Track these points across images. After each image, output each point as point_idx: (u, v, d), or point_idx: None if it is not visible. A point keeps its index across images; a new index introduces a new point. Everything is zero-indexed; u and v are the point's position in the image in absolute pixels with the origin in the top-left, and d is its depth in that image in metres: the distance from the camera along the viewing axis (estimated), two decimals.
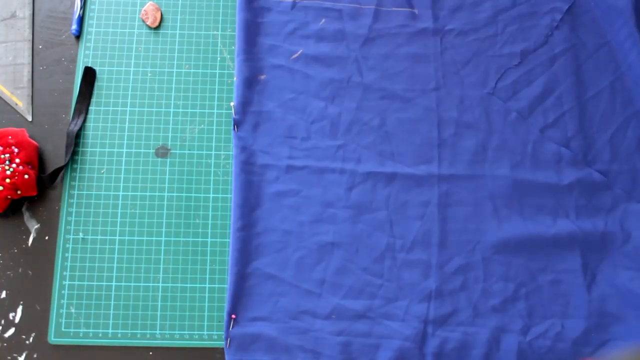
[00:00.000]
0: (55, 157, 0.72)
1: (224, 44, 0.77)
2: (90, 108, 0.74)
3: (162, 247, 0.69)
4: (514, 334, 0.66)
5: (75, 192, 0.70)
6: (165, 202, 0.70)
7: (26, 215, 0.70)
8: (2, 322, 0.66)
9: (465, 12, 0.78)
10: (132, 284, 0.67)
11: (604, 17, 0.77)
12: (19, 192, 0.67)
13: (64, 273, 0.67)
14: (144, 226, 0.69)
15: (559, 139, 0.73)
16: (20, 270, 0.68)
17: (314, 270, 0.68)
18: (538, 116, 0.74)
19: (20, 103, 0.74)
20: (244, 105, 0.72)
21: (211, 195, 0.71)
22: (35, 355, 0.65)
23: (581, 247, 0.69)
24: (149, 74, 0.75)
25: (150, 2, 0.76)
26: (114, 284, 0.67)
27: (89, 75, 0.74)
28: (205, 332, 0.66)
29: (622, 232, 0.70)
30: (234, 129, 0.72)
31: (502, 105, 0.74)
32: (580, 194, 0.71)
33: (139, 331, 0.66)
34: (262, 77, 0.73)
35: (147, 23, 0.75)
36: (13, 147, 0.69)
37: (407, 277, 0.68)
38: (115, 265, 0.68)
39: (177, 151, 0.72)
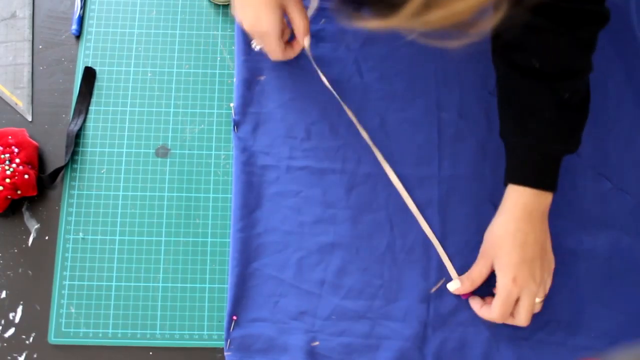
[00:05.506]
0: (55, 157, 0.72)
1: (224, 44, 0.77)
2: (90, 108, 0.73)
3: (162, 247, 0.69)
4: (514, 334, 0.66)
5: (75, 192, 0.70)
6: (165, 202, 0.70)
7: (26, 215, 0.70)
8: (2, 322, 0.66)
9: None
10: (132, 284, 0.67)
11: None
12: (19, 192, 0.67)
13: (64, 273, 0.67)
14: (144, 226, 0.69)
15: None
16: (20, 270, 0.68)
17: (314, 271, 0.67)
18: None
19: (20, 103, 0.74)
20: (244, 106, 0.72)
21: (211, 195, 0.71)
22: (35, 355, 0.65)
23: (582, 249, 0.69)
24: (149, 74, 0.75)
25: None
26: (114, 284, 0.67)
27: (89, 75, 0.74)
28: (205, 332, 0.66)
29: (625, 236, 0.70)
30: (234, 129, 0.72)
31: None
32: (582, 196, 0.71)
33: (139, 331, 0.66)
34: (262, 77, 0.73)
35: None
36: (13, 147, 0.69)
37: (407, 278, 0.68)
38: (115, 265, 0.68)
39: (177, 151, 0.72)
